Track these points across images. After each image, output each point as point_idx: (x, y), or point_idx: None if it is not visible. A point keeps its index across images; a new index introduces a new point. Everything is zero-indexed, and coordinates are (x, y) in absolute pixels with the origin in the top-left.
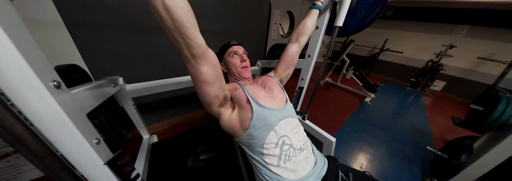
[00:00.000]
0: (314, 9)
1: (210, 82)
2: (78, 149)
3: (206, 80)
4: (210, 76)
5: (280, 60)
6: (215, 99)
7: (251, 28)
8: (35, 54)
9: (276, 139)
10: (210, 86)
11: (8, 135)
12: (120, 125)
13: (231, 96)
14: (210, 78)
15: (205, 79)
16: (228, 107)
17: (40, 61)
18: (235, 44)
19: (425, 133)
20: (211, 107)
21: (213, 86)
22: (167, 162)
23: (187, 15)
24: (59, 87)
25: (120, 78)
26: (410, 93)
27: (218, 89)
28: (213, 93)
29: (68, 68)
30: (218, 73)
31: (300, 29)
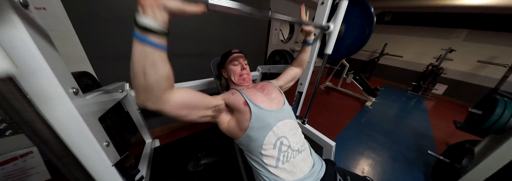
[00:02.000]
0: (307, 46)
1: (182, 116)
2: (90, 150)
3: (176, 117)
4: (179, 113)
5: (284, 74)
6: (203, 118)
7: (251, 34)
8: (58, 64)
9: (274, 139)
10: (185, 118)
11: (35, 136)
12: (125, 129)
13: (227, 103)
14: (179, 114)
15: (175, 117)
16: (224, 114)
17: (62, 70)
18: (236, 52)
19: (428, 137)
20: (206, 119)
21: (190, 117)
22: (169, 167)
23: (160, 82)
24: (77, 93)
25: (127, 84)
26: (412, 97)
27: (198, 114)
28: (194, 118)
29: (80, 75)
30: (191, 107)
31: (299, 62)
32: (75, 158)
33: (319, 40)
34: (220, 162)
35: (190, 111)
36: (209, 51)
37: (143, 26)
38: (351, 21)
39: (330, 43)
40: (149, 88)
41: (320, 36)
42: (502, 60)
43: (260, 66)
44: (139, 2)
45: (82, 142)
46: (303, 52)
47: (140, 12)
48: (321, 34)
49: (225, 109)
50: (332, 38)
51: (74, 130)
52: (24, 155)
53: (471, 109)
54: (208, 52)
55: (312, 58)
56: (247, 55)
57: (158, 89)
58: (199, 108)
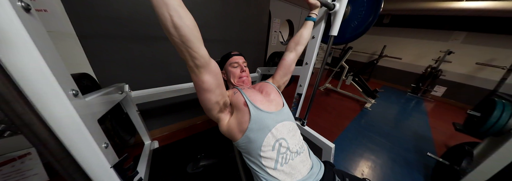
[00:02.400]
0: (309, 21)
1: (211, 90)
2: (88, 152)
3: (207, 88)
4: (212, 84)
5: (278, 68)
6: (215, 105)
7: (251, 36)
8: (58, 65)
9: (273, 141)
10: (211, 93)
11: (35, 138)
12: (124, 131)
13: (230, 101)
14: (211, 86)
15: (207, 87)
16: (227, 112)
17: (62, 72)
18: (236, 54)
19: (427, 139)
20: (211, 112)
21: (214, 94)
22: (168, 168)
23: (193, 31)
24: (76, 95)
25: (126, 85)
26: (411, 99)
27: (218, 96)
28: (214, 99)
29: (80, 77)
30: (219, 81)
31: (297, 39)
32: (73, 160)
33: (323, 22)
34: (219, 164)
35: (216, 87)
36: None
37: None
38: (357, 2)
39: (335, 24)
40: (187, 40)
41: (325, 17)
42: (500, 62)
43: (259, 68)
44: None
45: (81, 144)
46: (304, 27)
47: None
48: (326, 15)
49: (228, 106)
50: (337, 18)
51: (73, 131)
52: (22, 156)
53: (470, 111)
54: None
55: (313, 56)
56: (246, 57)
57: (195, 39)
58: (220, 89)
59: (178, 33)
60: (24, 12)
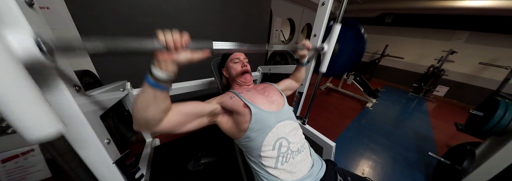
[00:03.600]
0: (302, 66)
1: (177, 130)
2: (91, 148)
3: (171, 132)
4: (172, 129)
5: (283, 81)
6: (200, 126)
7: (252, 35)
8: (61, 61)
9: (274, 141)
10: (181, 130)
11: None
12: (126, 128)
13: (224, 106)
14: (173, 130)
15: (170, 132)
16: (222, 116)
17: (65, 68)
18: None
19: (429, 139)
20: (204, 125)
21: (185, 128)
22: (169, 166)
23: (159, 114)
24: (79, 91)
25: (128, 83)
26: (413, 98)
27: (194, 124)
28: (192, 128)
29: (82, 74)
30: (183, 122)
31: (294, 78)
32: (76, 155)
33: (314, 59)
34: (220, 162)
35: (181, 125)
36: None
37: (156, 77)
38: (345, 41)
39: (324, 63)
40: (145, 120)
41: (316, 55)
42: (504, 62)
43: (260, 67)
44: (156, 57)
45: (83, 139)
46: (297, 71)
47: (155, 65)
48: (316, 54)
49: (221, 111)
50: (326, 58)
51: (76, 127)
52: (25, 152)
53: (472, 111)
54: None
55: (311, 62)
56: (247, 55)
57: (155, 120)
58: (192, 120)
59: (144, 113)
60: (27, 7)
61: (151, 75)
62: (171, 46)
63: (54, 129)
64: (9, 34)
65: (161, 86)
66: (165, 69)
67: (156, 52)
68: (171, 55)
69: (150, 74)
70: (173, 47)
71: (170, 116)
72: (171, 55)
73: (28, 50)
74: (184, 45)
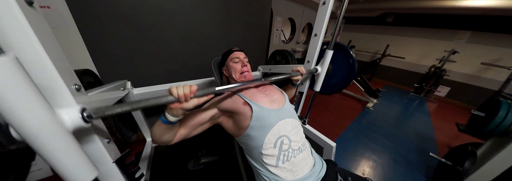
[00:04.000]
0: (293, 87)
1: (186, 138)
2: (91, 147)
3: (184, 139)
4: (182, 139)
5: (282, 88)
6: (204, 129)
7: (253, 34)
8: (62, 61)
9: (275, 139)
10: (190, 136)
11: None
12: (126, 127)
13: (222, 109)
14: (183, 139)
15: (186, 138)
16: (222, 117)
17: (65, 67)
18: (236, 50)
19: (429, 139)
20: (208, 127)
21: (191, 135)
22: (169, 165)
23: (170, 137)
24: (79, 90)
25: (128, 82)
26: (414, 99)
27: (198, 131)
28: (196, 133)
29: (82, 73)
30: (189, 132)
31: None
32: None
33: (308, 80)
34: (220, 161)
35: (189, 134)
36: (210, 50)
37: (168, 120)
38: (338, 63)
39: (318, 83)
40: (162, 141)
41: (310, 76)
42: (506, 62)
43: (261, 66)
44: (168, 106)
45: (83, 139)
46: (289, 89)
47: (168, 112)
48: (311, 75)
49: (220, 113)
50: (320, 79)
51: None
52: None
53: (474, 111)
54: (209, 51)
55: (314, 55)
56: (247, 55)
57: (168, 141)
58: (195, 129)
59: (160, 139)
60: (26, 5)
61: (164, 116)
62: (181, 99)
63: (93, 175)
64: (63, 113)
65: (171, 123)
66: (176, 115)
67: (169, 103)
68: (182, 104)
69: (163, 116)
70: (184, 99)
71: (179, 132)
72: (182, 104)
73: (74, 121)
74: (192, 96)
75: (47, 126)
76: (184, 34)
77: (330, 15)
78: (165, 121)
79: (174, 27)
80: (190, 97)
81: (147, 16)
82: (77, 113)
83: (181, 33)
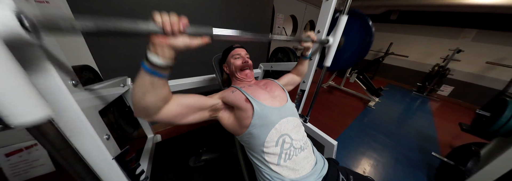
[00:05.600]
0: (305, 59)
1: (179, 120)
2: (90, 143)
3: (173, 121)
4: (174, 119)
5: (284, 76)
6: (200, 120)
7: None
8: (58, 56)
9: (277, 137)
10: (182, 121)
11: (34, 129)
12: (127, 124)
13: (226, 101)
14: (175, 120)
15: (172, 122)
16: (223, 111)
17: (62, 62)
18: (238, 46)
19: (432, 139)
20: (204, 119)
21: (186, 119)
22: (170, 161)
23: (158, 102)
24: (76, 86)
25: (128, 79)
26: (416, 98)
27: (196, 117)
28: (192, 121)
29: (81, 69)
30: (184, 113)
31: (297, 72)
32: (74, 151)
33: (318, 53)
34: (221, 158)
35: (182, 116)
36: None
37: (153, 63)
38: (351, 34)
39: (329, 56)
40: (144, 107)
41: (320, 48)
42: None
43: (262, 64)
44: (150, 41)
45: (82, 135)
46: (300, 64)
47: (151, 50)
48: (321, 47)
49: (223, 107)
50: (331, 51)
51: (73, 122)
52: (29, 147)
53: (479, 111)
54: (209, 48)
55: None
56: (249, 52)
57: (154, 108)
58: (193, 113)
59: (143, 101)
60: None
61: (147, 61)
62: (168, 29)
63: (41, 114)
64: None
65: (158, 74)
66: (162, 55)
67: (151, 35)
68: (167, 39)
69: (146, 60)
70: (171, 30)
71: (171, 106)
72: (168, 39)
73: (8, 25)
74: (182, 29)
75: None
76: None
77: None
78: (147, 68)
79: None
80: (178, 29)
81: (148, 12)
82: (10, 12)
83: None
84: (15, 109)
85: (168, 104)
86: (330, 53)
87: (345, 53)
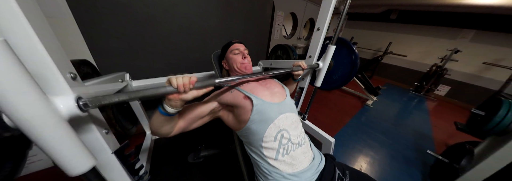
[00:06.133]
0: (294, 82)
1: (185, 131)
2: (89, 137)
3: (183, 131)
4: (181, 131)
5: (283, 82)
6: (203, 123)
7: (254, 28)
8: (56, 48)
9: (275, 132)
10: (189, 129)
11: None
12: (125, 120)
13: (222, 103)
14: (182, 131)
15: (183, 132)
16: (222, 111)
17: (59, 55)
18: (236, 42)
19: (427, 137)
20: (207, 121)
21: (190, 128)
22: (169, 158)
23: (170, 129)
24: (75, 79)
25: (127, 74)
26: (414, 97)
27: (198, 124)
28: (196, 127)
29: (79, 63)
30: (189, 123)
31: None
32: None
33: (309, 75)
34: (219, 155)
35: (188, 127)
36: (210, 44)
37: (166, 111)
38: (340, 59)
39: (319, 78)
40: (160, 134)
41: (311, 71)
42: (509, 63)
43: (261, 61)
44: (166, 97)
45: (81, 129)
46: (289, 84)
47: (166, 103)
48: (312, 70)
49: (220, 107)
50: (321, 74)
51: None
52: None
53: (474, 110)
54: (209, 45)
55: (316, 49)
56: (248, 48)
57: (166, 133)
58: (195, 122)
59: (159, 131)
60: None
61: (162, 107)
62: (181, 90)
63: (90, 163)
64: (58, 100)
65: (170, 115)
66: (175, 106)
67: (167, 94)
68: (180, 95)
69: (161, 107)
70: (183, 90)
71: (179, 124)
72: (180, 95)
73: (71, 110)
74: (192, 86)
75: (40, 112)
76: (185, 27)
77: (333, 11)
78: (163, 113)
79: (174, 19)
80: (189, 87)
81: (144, 7)
82: (73, 101)
83: (182, 26)
84: (73, 162)
85: (177, 124)
86: (320, 76)
87: (334, 74)
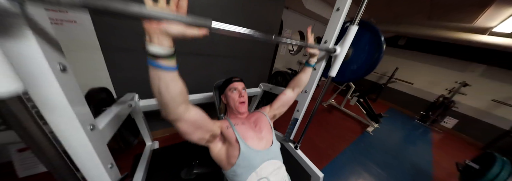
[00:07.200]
0: (308, 67)
1: (188, 133)
2: (95, 173)
3: (183, 132)
4: (187, 129)
5: (277, 99)
6: (199, 141)
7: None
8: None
9: (256, 180)
10: (188, 135)
11: (45, 159)
12: (129, 133)
13: (222, 132)
14: (187, 130)
15: (183, 132)
16: (217, 141)
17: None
18: (236, 80)
19: (426, 175)
20: (198, 142)
21: (193, 135)
22: (164, 171)
23: (174, 98)
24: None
25: (136, 95)
26: (418, 127)
27: (200, 135)
28: (195, 138)
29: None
30: (198, 125)
31: (296, 82)
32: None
33: (324, 61)
34: (211, 174)
35: (195, 130)
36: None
37: (153, 54)
38: (360, 47)
39: (335, 66)
40: (165, 105)
41: (326, 57)
42: None
43: (262, 84)
44: (145, 29)
45: (90, 166)
46: (303, 72)
47: (148, 41)
48: (327, 56)
49: (220, 136)
50: (337, 61)
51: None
52: None
53: (469, 162)
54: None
55: (314, 81)
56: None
57: (173, 104)
58: (202, 129)
59: (160, 98)
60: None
61: (148, 54)
62: (160, 15)
63: (9, 88)
64: None
65: (162, 66)
66: (159, 43)
67: (144, 21)
68: (160, 24)
69: (148, 55)
70: (163, 16)
71: (193, 111)
72: (161, 24)
73: None
74: (178, 16)
75: None
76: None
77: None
78: (151, 62)
79: (184, 47)
80: (174, 15)
81: None
82: None
83: (183, 45)
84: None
85: (190, 108)
86: (336, 63)
87: (351, 65)
